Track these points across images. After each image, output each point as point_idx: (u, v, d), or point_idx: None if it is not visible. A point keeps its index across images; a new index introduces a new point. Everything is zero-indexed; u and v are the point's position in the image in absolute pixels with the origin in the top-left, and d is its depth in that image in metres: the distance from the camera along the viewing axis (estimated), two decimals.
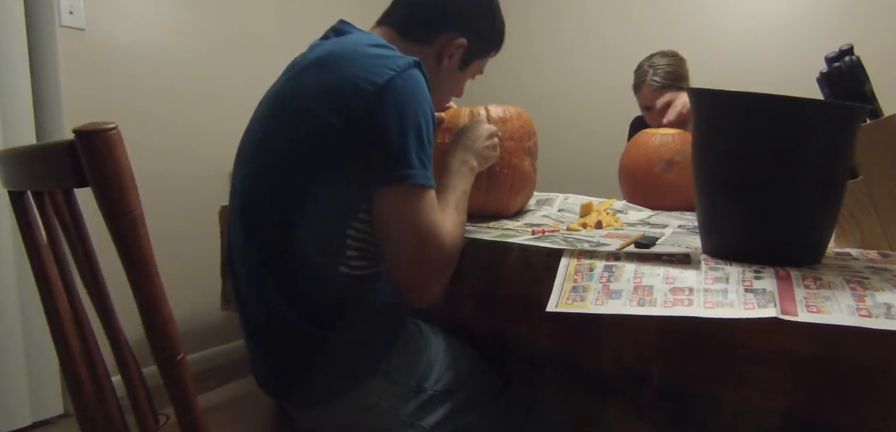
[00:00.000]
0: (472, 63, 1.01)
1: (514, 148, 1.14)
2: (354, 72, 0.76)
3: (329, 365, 0.80)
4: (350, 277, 0.81)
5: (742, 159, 0.73)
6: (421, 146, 0.77)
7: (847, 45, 0.85)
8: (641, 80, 1.87)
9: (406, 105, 0.76)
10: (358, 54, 0.79)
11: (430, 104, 0.80)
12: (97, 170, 0.53)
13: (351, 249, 0.80)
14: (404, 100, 0.76)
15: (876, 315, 0.54)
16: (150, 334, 0.58)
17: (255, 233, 0.82)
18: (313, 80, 0.80)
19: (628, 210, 1.27)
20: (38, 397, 1.86)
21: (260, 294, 0.82)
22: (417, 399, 0.83)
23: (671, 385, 0.69)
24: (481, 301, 0.91)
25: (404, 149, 0.75)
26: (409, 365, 0.84)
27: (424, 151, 0.77)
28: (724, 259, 0.74)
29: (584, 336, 0.77)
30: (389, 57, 0.79)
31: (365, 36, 0.85)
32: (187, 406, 0.61)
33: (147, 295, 0.57)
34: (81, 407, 0.76)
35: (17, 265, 1.78)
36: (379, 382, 0.82)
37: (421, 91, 0.78)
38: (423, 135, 0.77)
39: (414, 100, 0.77)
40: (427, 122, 0.78)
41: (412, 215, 0.76)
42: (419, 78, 0.79)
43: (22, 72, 1.77)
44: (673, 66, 1.83)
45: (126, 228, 0.55)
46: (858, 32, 2.07)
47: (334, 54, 0.80)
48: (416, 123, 0.76)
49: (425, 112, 0.78)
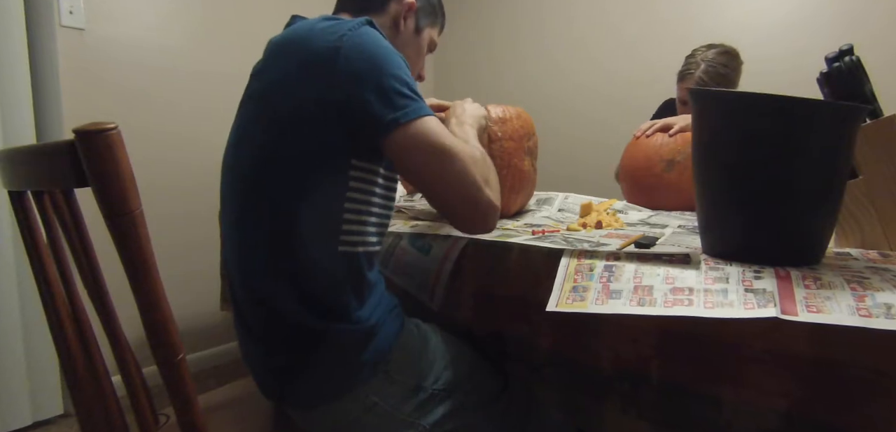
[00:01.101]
0: (424, 30, 1.04)
1: (514, 148, 1.14)
2: (310, 46, 0.78)
3: (328, 363, 0.80)
4: (348, 257, 0.81)
5: (742, 159, 0.73)
6: (403, 82, 0.78)
7: (847, 45, 0.85)
8: (689, 72, 1.77)
9: (371, 53, 0.77)
10: (309, 31, 0.80)
11: (391, 46, 0.81)
12: (97, 170, 0.53)
13: (348, 224, 0.81)
14: (367, 49, 0.77)
15: (876, 315, 0.54)
16: (150, 334, 0.58)
17: (250, 228, 0.82)
18: (275, 69, 0.82)
19: (628, 210, 1.27)
20: (38, 397, 1.86)
21: (256, 289, 0.83)
22: (417, 398, 0.84)
23: (671, 385, 0.69)
24: (481, 301, 0.91)
25: (387, 91, 0.76)
26: (408, 364, 0.84)
27: (409, 85, 0.79)
28: (724, 259, 0.74)
29: (584, 336, 0.77)
30: (340, 22, 0.80)
31: (316, 18, 0.86)
32: (187, 406, 0.61)
33: (147, 295, 0.57)
34: (81, 407, 0.76)
35: (17, 265, 1.78)
36: (378, 382, 0.82)
37: (379, 39, 0.80)
38: (401, 73, 0.78)
39: (376, 47, 0.78)
40: (398, 60, 0.80)
41: (428, 145, 0.77)
42: (372, 31, 0.80)
43: (22, 72, 1.77)
44: (726, 69, 1.74)
45: (126, 228, 0.55)
46: (858, 32, 2.07)
47: (287, 40, 0.82)
48: (388, 65, 0.77)
49: (392, 53, 0.79)
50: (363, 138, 0.78)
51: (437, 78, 3.41)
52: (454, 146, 0.79)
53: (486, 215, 0.81)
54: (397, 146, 0.77)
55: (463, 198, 0.79)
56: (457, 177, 0.78)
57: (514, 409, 0.92)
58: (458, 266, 0.93)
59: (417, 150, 0.78)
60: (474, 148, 0.85)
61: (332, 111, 0.76)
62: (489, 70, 3.16)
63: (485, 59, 3.17)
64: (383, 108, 0.76)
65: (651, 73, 2.55)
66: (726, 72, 1.75)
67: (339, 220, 0.80)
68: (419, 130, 0.77)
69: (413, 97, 0.78)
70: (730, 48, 1.80)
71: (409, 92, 0.78)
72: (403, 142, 0.77)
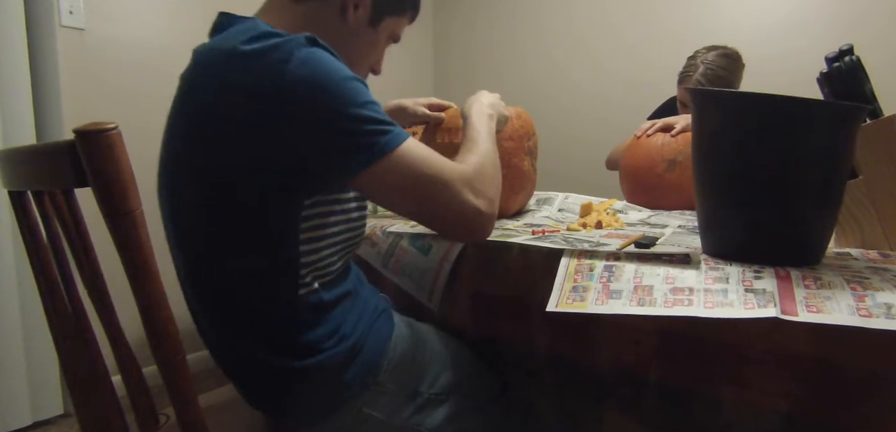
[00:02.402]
0: (384, 21, 0.86)
1: (514, 148, 1.14)
2: (243, 79, 0.65)
3: (313, 392, 0.76)
4: (314, 294, 0.74)
5: (742, 159, 0.73)
6: (364, 117, 0.68)
7: (847, 45, 0.85)
8: (688, 74, 1.78)
9: (321, 90, 0.66)
10: (242, 56, 0.66)
11: (342, 68, 0.69)
12: (97, 170, 0.53)
13: (306, 269, 0.73)
14: (316, 86, 0.65)
15: (876, 315, 0.54)
16: (151, 334, 0.58)
17: (198, 274, 0.76)
18: (202, 95, 0.70)
19: (628, 210, 1.27)
20: (38, 397, 1.86)
21: (221, 335, 0.78)
22: (414, 403, 0.81)
23: (670, 387, 0.69)
24: (480, 302, 0.91)
25: (348, 134, 0.67)
26: (401, 372, 0.82)
27: (374, 111, 0.69)
28: (724, 259, 0.74)
29: (583, 338, 0.77)
30: (274, 42, 0.66)
31: (242, 29, 0.72)
32: (187, 406, 0.61)
33: (147, 295, 0.57)
34: (81, 407, 0.76)
35: (17, 265, 1.78)
36: (370, 395, 0.79)
37: (326, 66, 0.67)
38: (360, 108, 0.68)
39: (326, 78, 0.66)
40: (354, 89, 0.68)
41: (408, 179, 0.70)
42: (317, 54, 0.67)
43: (22, 72, 1.77)
44: (725, 71, 1.74)
45: (126, 228, 0.55)
46: (858, 32, 2.07)
47: (214, 61, 0.70)
48: (343, 101, 0.67)
49: (346, 83, 0.68)
50: (319, 185, 0.70)
51: (437, 78, 3.41)
52: (435, 171, 0.71)
53: (476, 229, 0.76)
54: (369, 189, 0.71)
55: (456, 221, 0.74)
56: (440, 206, 0.72)
57: (512, 412, 0.92)
58: (458, 266, 0.93)
59: (394, 190, 0.71)
60: (473, 156, 0.79)
61: (272, 162, 0.66)
62: (489, 70, 3.16)
63: (485, 59, 3.17)
64: (345, 155, 0.67)
65: (651, 74, 2.55)
66: (725, 74, 1.75)
67: (295, 265, 0.72)
68: (392, 166, 0.69)
69: (379, 130, 0.69)
70: (731, 50, 1.81)
71: (373, 126, 0.68)
72: (376, 185, 0.70)
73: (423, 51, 3.40)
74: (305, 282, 0.74)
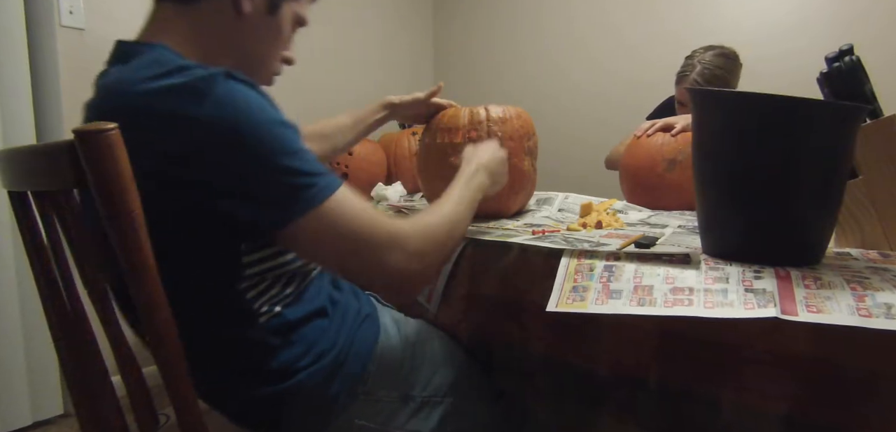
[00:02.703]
0: (284, 5, 0.79)
1: (514, 148, 1.14)
2: (157, 132, 0.59)
3: (300, 410, 0.74)
4: (277, 322, 0.71)
5: (742, 159, 0.73)
6: (294, 158, 0.62)
7: (847, 45, 0.85)
8: (685, 74, 1.79)
9: (243, 137, 0.59)
10: (147, 104, 0.60)
11: (265, 107, 0.63)
12: (97, 171, 0.53)
13: (259, 300, 0.70)
14: (237, 133, 0.59)
15: (876, 315, 0.54)
16: (151, 334, 0.58)
17: None
18: None
19: (628, 210, 1.27)
20: (38, 397, 1.86)
21: (200, 372, 0.71)
22: (407, 408, 0.80)
23: (669, 389, 0.69)
24: (479, 303, 0.91)
25: (274, 185, 0.61)
26: (390, 377, 0.80)
27: (301, 161, 0.63)
28: (724, 259, 0.74)
29: (582, 338, 0.77)
30: (182, 87, 0.60)
31: (147, 62, 0.65)
32: (187, 406, 0.61)
33: (147, 295, 0.57)
34: (81, 407, 0.76)
35: (17, 265, 1.78)
36: (361, 405, 0.77)
37: (244, 105, 0.60)
38: (287, 158, 0.62)
39: (247, 123, 0.60)
40: (281, 136, 0.62)
41: (335, 233, 0.64)
42: (234, 92, 0.61)
43: (22, 72, 1.77)
44: (721, 70, 1.74)
45: (126, 228, 0.55)
46: (858, 32, 2.07)
47: (118, 108, 0.61)
48: (268, 145, 0.61)
49: (269, 124, 0.62)
50: (243, 235, 0.65)
51: (437, 78, 3.41)
52: (365, 226, 0.65)
53: (401, 291, 0.69)
54: (294, 243, 0.65)
55: (375, 282, 0.69)
56: (365, 263, 0.66)
57: (509, 415, 0.91)
58: (456, 267, 0.92)
59: (320, 243, 0.64)
60: (432, 216, 0.74)
61: (197, 218, 0.62)
62: (489, 70, 3.16)
63: (485, 59, 3.17)
64: (267, 209, 0.61)
65: (651, 74, 2.54)
66: (722, 74, 1.75)
67: (245, 304, 0.69)
68: (319, 222, 0.63)
69: (305, 183, 0.62)
70: (728, 50, 1.81)
71: (300, 179, 0.62)
72: (301, 238, 0.63)
73: (423, 51, 3.40)
74: (262, 312, 0.70)
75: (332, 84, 2.84)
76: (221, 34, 0.73)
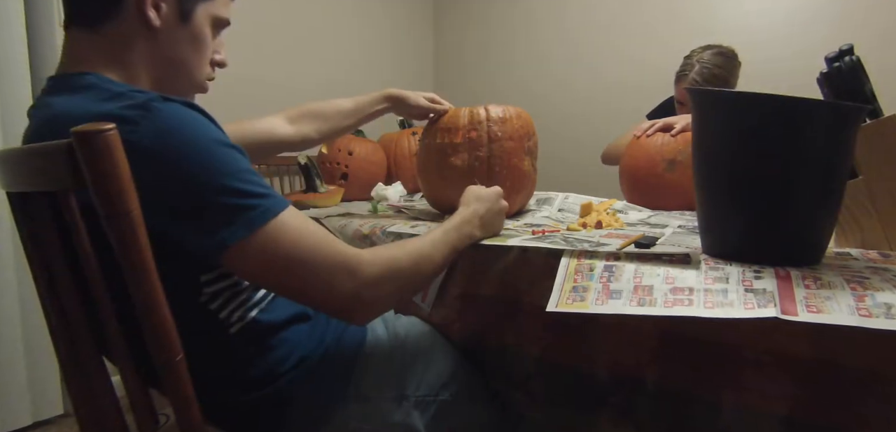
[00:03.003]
0: (196, 8, 0.75)
1: (514, 148, 1.14)
2: None
3: (293, 412, 0.74)
4: (251, 328, 0.70)
5: (742, 159, 0.72)
6: (237, 179, 0.61)
7: (847, 45, 0.85)
8: (684, 73, 1.79)
9: (183, 159, 0.59)
10: (76, 117, 0.57)
11: (204, 127, 0.62)
12: (96, 171, 0.53)
13: (226, 309, 0.69)
14: (174, 156, 0.58)
15: (876, 315, 0.54)
16: (150, 335, 0.58)
17: None
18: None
19: (628, 210, 1.27)
20: (38, 397, 1.86)
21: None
22: (401, 408, 0.79)
23: (667, 392, 0.69)
24: (476, 304, 0.91)
25: (216, 203, 0.59)
26: (382, 377, 0.79)
27: (244, 181, 0.61)
28: (724, 259, 0.74)
29: (582, 339, 0.76)
30: (118, 114, 0.59)
31: (77, 96, 0.65)
32: (187, 406, 0.61)
33: (146, 296, 0.57)
34: (81, 407, 0.76)
35: (17, 265, 1.78)
36: (353, 408, 0.76)
37: (182, 126, 0.60)
38: (230, 167, 0.61)
39: (187, 144, 0.59)
40: (219, 151, 0.61)
41: (281, 254, 0.62)
42: (170, 110, 0.60)
43: (22, 72, 1.77)
44: (720, 69, 1.75)
45: (125, 228, 0.55)
46: (858, 32, 2.06)
47: (48, 130, 0.62)
48: (209, 166, 0.60)
49: (209, 143, 0.61)
50: (190, 257, 0.63)
51: (437, 78, 3.41)
52: (313, 246, 0.63)
53: (349, 315, 0.68)
54: (239, 266, 0.63)
55: (320, 303, 0.67)
56: (311, 286, 0.64)
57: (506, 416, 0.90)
58: (453, 268, 0.92)
59: (266, 267, 0.62)
60: (402, 251, 0.73)
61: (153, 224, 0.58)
62: (490, 70, 3.16)
63: (486, 60, 3.17)
64: (209, 233, 0.59)
65: (651, 73, 2.54)
66: (720, 72, 1.75)
67: (210, 315, 0.67)
68: (263, 243, 0.61)
69: (250, 204, 0.61)
70: (727, 49, 1.81)
71: (242, 200, 0.60)
72: (245, 262, 0.62)
73: (424, 51, 3.40)
74: (232, 321, 0.69)
75: (333, 84, 2.85)
76: (139, 52, 0.71)
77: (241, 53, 2.33)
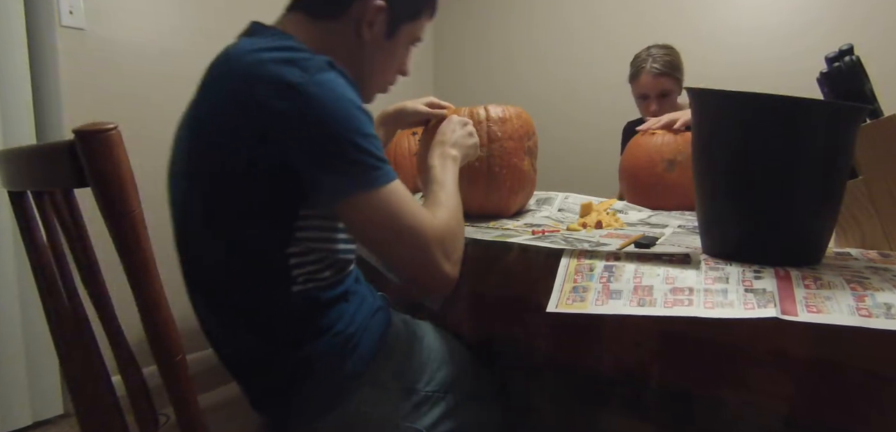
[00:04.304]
0: (401, 29, 0.88)
1: (514, 148, 1.14)
2: (256, 88, 0.68)
3: (311, 382, 0.77)
4: (308, 295, 0.76)
5: (742, 159, 0.73)
6: (362, 148, 0.70)
7: (847, 45, 0.85)
8: (640, 68, 1.91)
9: (328, 114, 0.68)
10: (258, 64, 0.70)
11: (355, 97, 0.73)
12: (97, 171, 0.53)
13: (299, 270, 0.75)
14: (324, 109, 0.68)
15: (876, 315, 0.54)
16: (150, 334, 0.58)
17: (198, 269, 0.79)
18: (217, 96, 0.73)
19: (628, 210, 1.27)
20: (38, 397, 1.86)
21: (221, 326, 0.80)
22: (410, 401, 0.81)
23: (672, 388, 0.69)
24: (480, 302, 0.91)
25: (343, 160, 0.69)
26: (397, 369, 0.82)
27: (373, 145, 0.71)
28: (724, 259, 0.74)
29: (584, 338, 0.77)
30: (295, 59, 0.70)
31: (268, 40, 0.75)
32: (187, 406, 0.61)
33: (147, 295, 0.57)
34: (81, 407, 0.76)
35: (17, 265, 1.77)
36: (367, 391, 0.79)
37: (339, 92, 0.70)
38: (359, 138, 0.70)
39: (336, 103, 0.69)
40: (358, 119, 0.71)
41: (388, 218, 0.71)
42: (333, 79, 0.71)
43: (22, 72, 1.77)
44: (670, 56, 1.89)
45: (126, 228, 0.55)
46: (858, 32, 2.07)
47: (232, 65, 0.73)
48: (346, 128, 0.69)
49: (352, 112, 0.71)
50: (311, 197, 0.72)
51: (437, 78, 3.41)
52: (416, 222, 0.73)
53: (439, 290, 0.78)
54: (350, 216, 0.72)
55: (417, 275, 0.75)
56: (413, 256, 0.73)
57: (510, 411, 0.91)
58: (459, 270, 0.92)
59: (373, 224, 0.72)
60: (444, 211, 0.81)
61: (271, 168, 0.69)
62: (490, 70, 3.16)
63: (486, 59, 3.17)
64: (336, 177, 0.69)
65: None
66: (672, 59, 1.89)
67: (286, 268, 0.74)
68: (377, 203, 0.71)
69: (373, 164, 0.71)
70: (666, 44, 1.94)
71: (369, 158, 0.71)
72: (357, 214, 0.71)
73: (424, 51, 3.40)
74: (298, 281, 0.75)
75: None
76: (341, 49, 0.80)
77: None
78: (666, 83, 1.86)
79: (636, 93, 1.97)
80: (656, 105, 1.88)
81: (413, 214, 0.73)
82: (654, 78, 1.86)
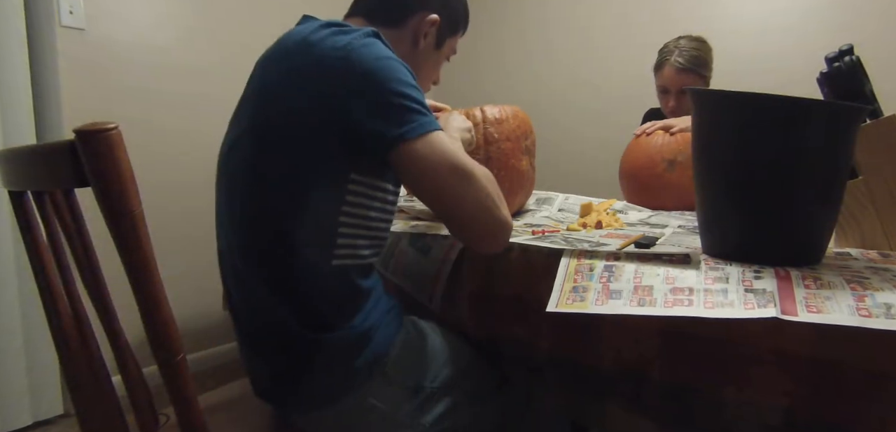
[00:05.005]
0: (446, 42, 1.00)
1: (512, 148, 1.13)
2: (311, 53, 0.75)
3: (325, 370, 0.79)
4: (342, 269, 0.79)
5: (742, 159, 0.73)
6: (409, 96, 0.75)
7: (847, 45, 0.85)
8: (664, 60, 1.82)
9: (375, 67, 0.74)
10: (312, 35, 0.77)
11: (399, 60, 0.78)
12: (97, 170, 0.53)
13: (343, 238, 0.79)
14: (372, 63, 0.74)
15: (876, 315, 0.54)
16: (150, 334, 0.58)
17: (242, 237, 0.81)
18: (274, 71, 0.79)
19: (628, 210, 1.27)
20: (38, 397, 1.86)
21: (254, 298, 0.82)
22: (416, 398, 0.83)
23: (673, 384, 0.69)
24: (480, 302, 0.91)
25: (393, 106, 0.74)
26: (407, 365, 0.84)
27: (416, 99, 0.76)
28: (724, 259, 0.74)
29: (585, 336, 0.77)
30: (345, 30, 0.77)
31: (319, 22, 0.82)
32: (187, 406, 0.61)
33: (147, 295, 0.57)
34: (81, 407, 0.76)
35: (17, 265, 1.77)
36: (377, 383, 0.81)
37: (384, 51, 0.77)
38: (406, 87, 0.75)
39: (381, 60, 0.75)
40: (404, 72, 0.77)
41: (440, 162, 0.75)
42: (378, 42, 0.77)
43: (22, 72, 1.77)
44: (698, 51, 1.79)
45: (126, 228, 0.55)
46: (858, 32, 2.07)
47: (289, 42, 0.79)
48: (393, 79, 0.75)
49: (397, 66, 0.76)
50: (366, 154, 0.76)
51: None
52: (468, 163, 0.76)
53: (500, 235, 0.79)
54: (405, 163, 0.75)
55: (479, 219, 0.77)
56: (474, 197, 0.76)
57: (513, 406, 0.92)
58: (458, 267, 0.93)
59: (428, 168, 0.75)
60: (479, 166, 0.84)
61: (330, 127, 0.74)
62: (495, 68, 3.16)
63: (489, 58, 3.17)
64: (387, 124, 0.74)
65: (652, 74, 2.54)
66: (699, 54, 1.79)
67: (334, 235, 0.78)
68: (429, 147, 0.75)
69: (421, 111, 0.76)
70: (698, 36, 1.84)
71: (416, 106, 0.75)
72: (411, 159, 0.75)
73: None
74: (339, 252, 0.79)
75: None
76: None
77: (240, 58, 2.33)
78: (688, 80, 1.75)
79: (658, 84, 1.87)
80: (675, 102, 1.79)
81: (463, 157, 0.77)
82: (677, 73, 1.76)
